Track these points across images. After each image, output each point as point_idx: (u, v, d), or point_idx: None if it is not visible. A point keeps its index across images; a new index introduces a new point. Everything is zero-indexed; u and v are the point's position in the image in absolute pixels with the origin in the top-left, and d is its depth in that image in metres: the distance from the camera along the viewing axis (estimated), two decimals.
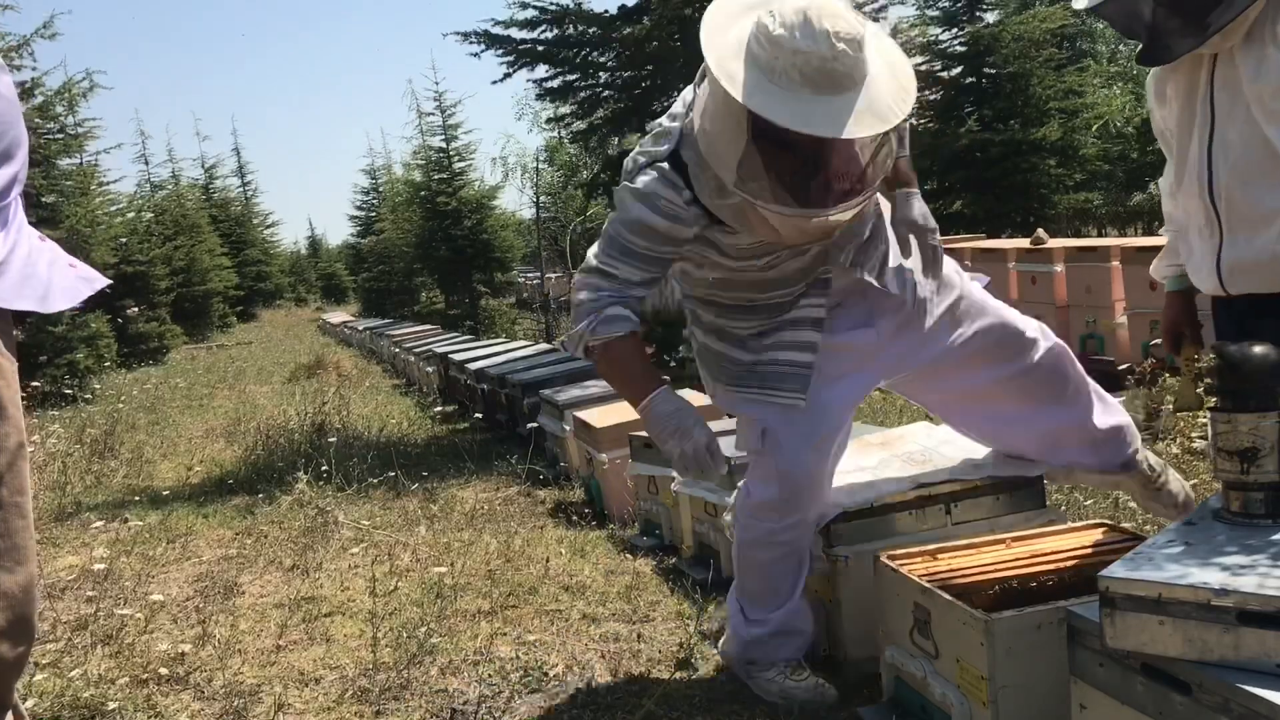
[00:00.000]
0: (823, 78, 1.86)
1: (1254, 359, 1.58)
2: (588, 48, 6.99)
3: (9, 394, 1.35)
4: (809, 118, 1.86)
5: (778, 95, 1.87)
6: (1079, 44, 22.97)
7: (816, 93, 1.87)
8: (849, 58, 1.86)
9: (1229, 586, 1.35)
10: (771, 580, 2.38)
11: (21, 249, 1.40)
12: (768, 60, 1.89)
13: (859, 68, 1.89)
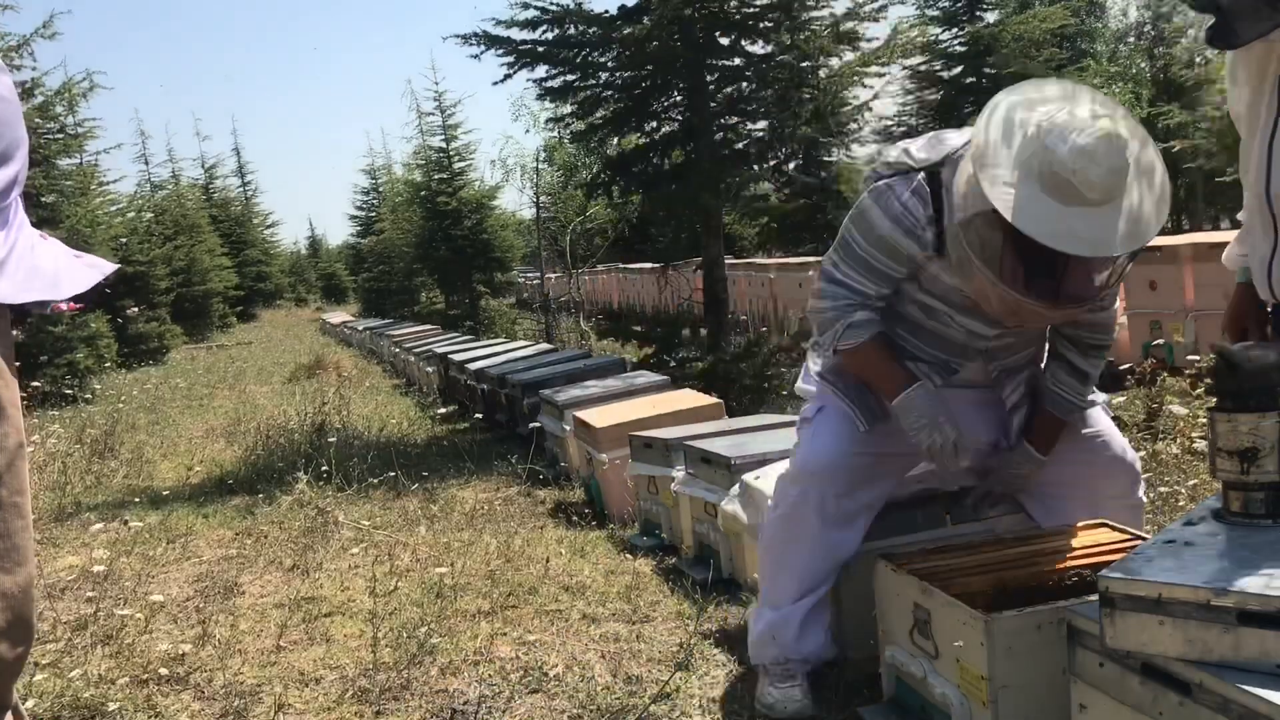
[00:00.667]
0: (1070, 192, 1.81)
1: (1254, 359, 1.58)
2: (588, 48, 6.98)
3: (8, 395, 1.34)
4: (1040, 221, 1.81)
5: (1021, 191, 1.83)
6: (1079, 44, 22.97)
7: (1061, 201, 1.81)
8: (1103, 183, 1.81)
9: (1229, 586, 1.35)
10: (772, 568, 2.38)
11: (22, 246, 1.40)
12: (1026, 156, 1.84)
13: (1112, 192, 1.83)
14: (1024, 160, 1.84)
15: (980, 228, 1.92)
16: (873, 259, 2.16)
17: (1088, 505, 2.33)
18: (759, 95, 7.09)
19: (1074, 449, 2.35)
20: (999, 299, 1.98)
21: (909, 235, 2.10)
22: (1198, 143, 13.29)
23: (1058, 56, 15.13)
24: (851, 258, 2.19)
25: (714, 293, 7.27)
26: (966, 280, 2.04)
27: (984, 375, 2.34)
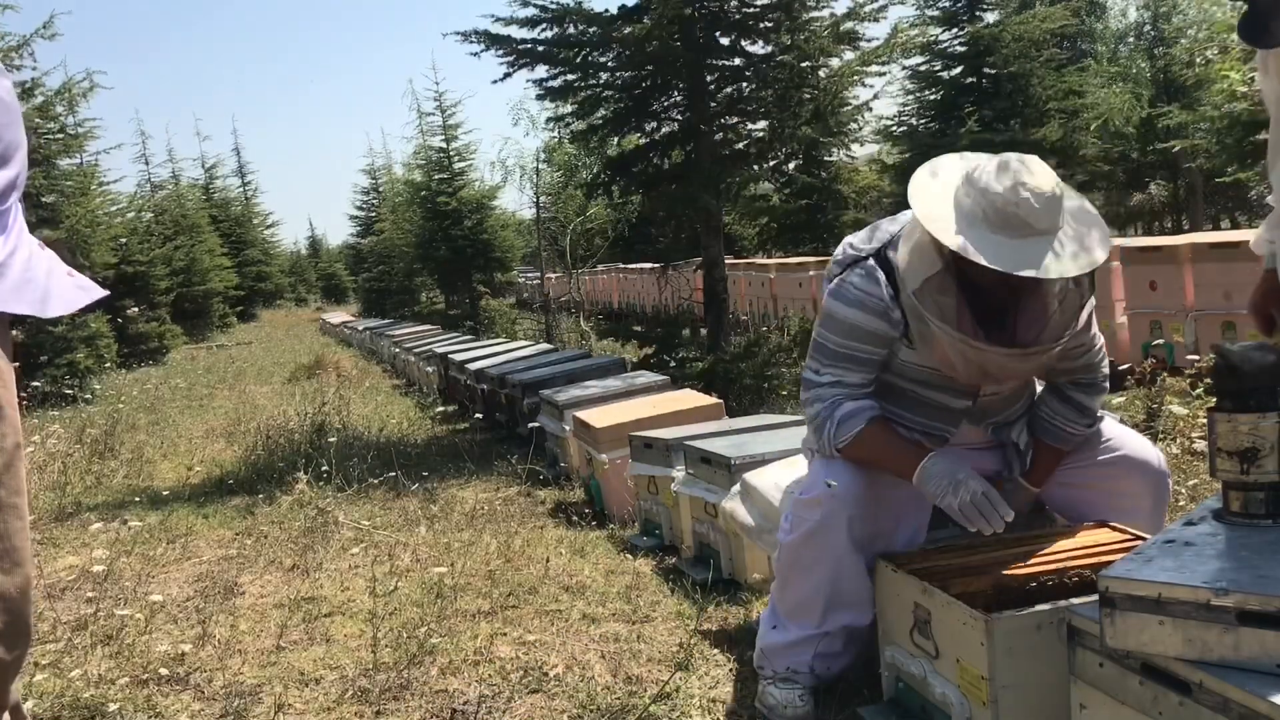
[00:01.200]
0: (1008, 221, 1.95)
1: (1254, 360, 1.58)
2: (588, 47, 6.98)
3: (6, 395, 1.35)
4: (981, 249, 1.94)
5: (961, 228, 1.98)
6: (1079, 44, 22.98)
7: (997, 231, 1.96)
8: (1034, 207, 1.94)
9: (1229, 586, 1.35)
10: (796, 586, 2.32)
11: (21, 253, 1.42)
12: (961, 197, 2.01)
13: (1045, 219, 1.96)
14: (966, 209, 1.99)
15: (933, 289, 2.05)
16: (849, 349, 2.21)
17: (1111, 509, 2.33)
18: (759, 95, 7.09)
19: (1091, 461, 2.35)
20: (962, 356, 2.07)
21: (878, 316, 2.18)
22: (1198, 143, 13.28)
23: (1058, 57, 15.13)
24: (828, 356, 2.24)
25: (714, 293, 7.27)
26: (930, 350, 2.15)
27: (980, 435, 2.37)
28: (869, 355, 2.21)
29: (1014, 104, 13.72)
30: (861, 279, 2.19)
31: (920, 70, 14.51)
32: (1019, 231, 1.95)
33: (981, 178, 2.00)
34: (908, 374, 2.26)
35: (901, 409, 2.30)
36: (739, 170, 7.24)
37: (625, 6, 7.03)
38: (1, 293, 1.36)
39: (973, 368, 2.10)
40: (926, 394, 2.27)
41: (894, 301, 2.15)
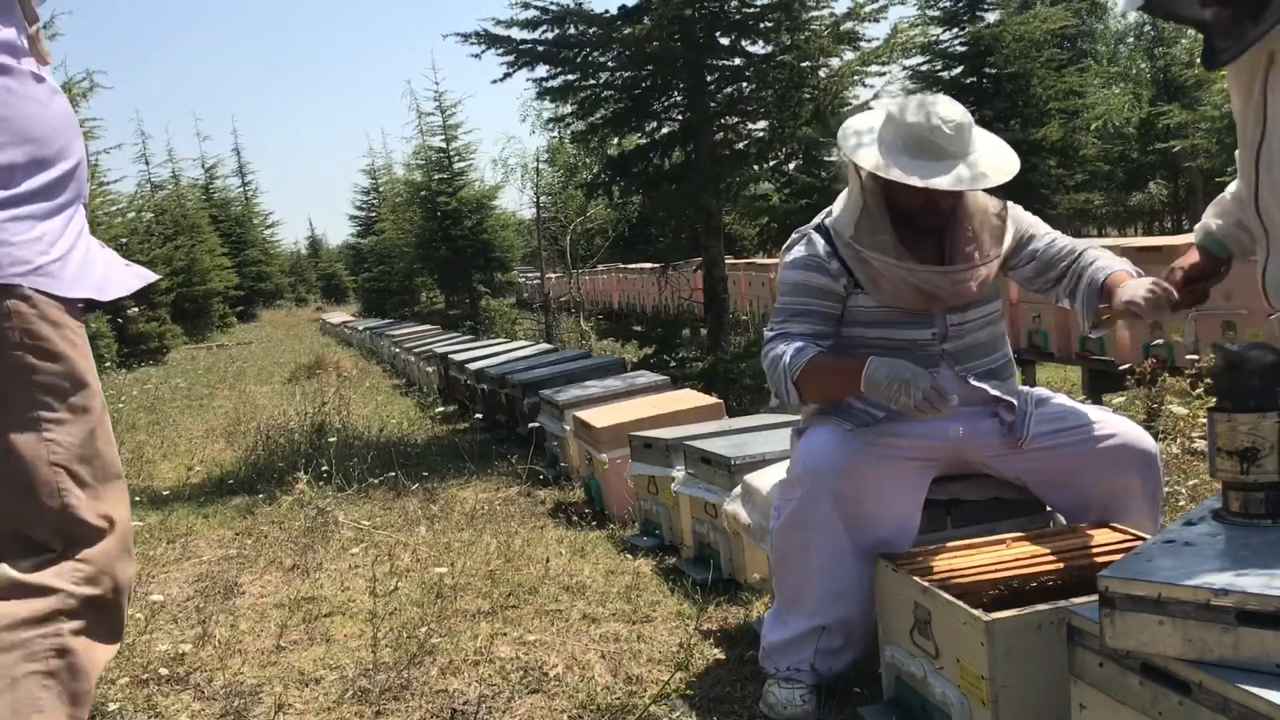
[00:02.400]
0: (923, 145, 2.21)
1: (1254, 359, 1.58)
2: (588, 48, 6.98)
3: (85, 364, 1.57)
4: (901, 169, 2.20)
5: (883, 155, 2.24)
6: (1079, 44, 22.99)
7: (915, 157, 2.21)
8: (946, 133, 2.20)
9: (1229, 586, 1.35)
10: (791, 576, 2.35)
11: (79, 249, 1.61)
12: (883, 133, 2.28)
13: (956, 144, 2.21)
14: (887, 140, 2.26)
15: (867, 230, 2.31)
16: (801, 304, 2.40)
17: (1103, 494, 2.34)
18: (759, 95, 7.09)
19: (1083, 442, 2.36)
20: (903, 283, 2.31)
21: (818, 271, 2.38)
22: (1198, 143, 13.28)
23: (1058, 57, 15.14)
24: (784, 313, 2.42)
25: (714, 292, 7.27)
26: (878, 289, 2.35)
27: (965, 389, 2.37)
28: (816, 308, 2.38)
29: (1014, 104, 13.72)
30: (799, 245, 2.44)
31: (920, 70, 14.52)
32: (933, 154, 2.20)
33: (898, 111, 2.26)
34: (866, 318, 2.39)
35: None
36: (739, 170, 7.23)
37: (625, 7, 7.04)
38: (64, 280, 1.54)
39: (915, 292, 2.32)
40: (891, 334, 2.37)
41: (830, 256, 2.37)
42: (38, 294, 1.51)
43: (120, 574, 1.60)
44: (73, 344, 1.56)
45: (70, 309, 1.56)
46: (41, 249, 1.52)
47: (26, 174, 1.52)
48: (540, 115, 16.97)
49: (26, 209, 1.51)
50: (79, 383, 1.56)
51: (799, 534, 2.30)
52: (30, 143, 1.53)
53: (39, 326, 1.51)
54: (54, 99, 1.58)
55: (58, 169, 1.57)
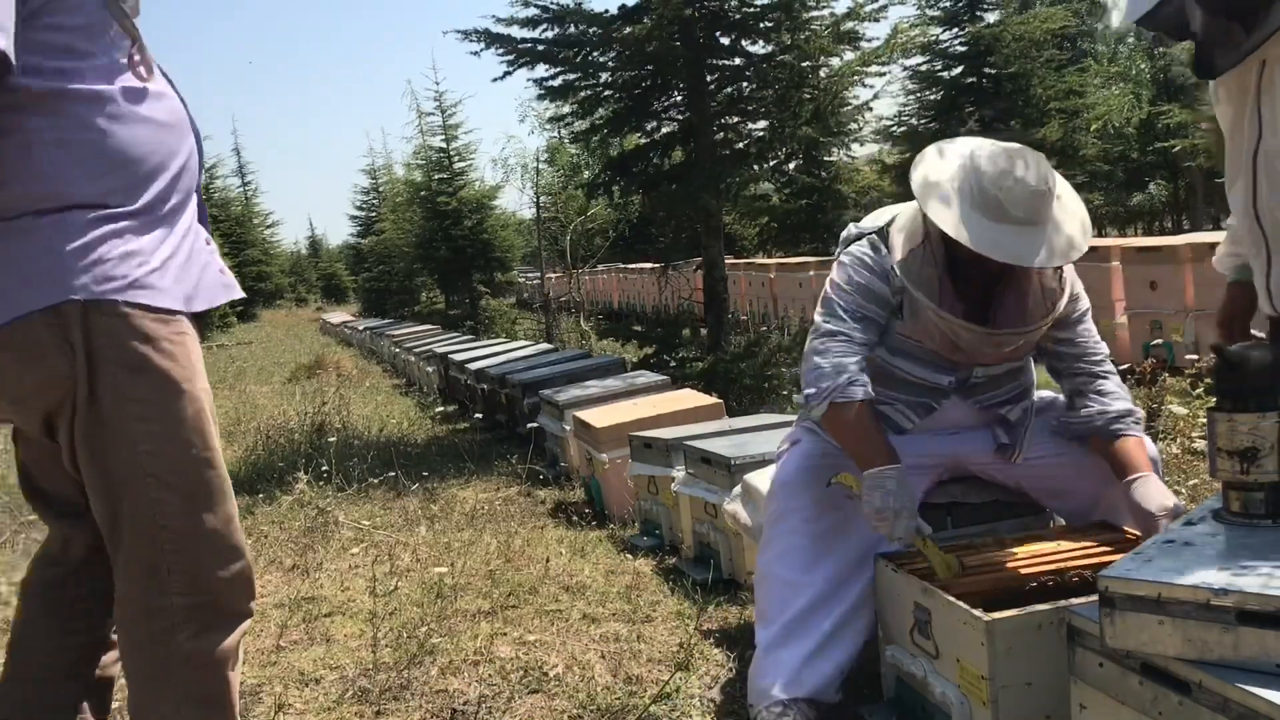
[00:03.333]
0: (998, 209, 2.04)
1: (1254, 359, 1.58)
2: (588, 47, 6.98)
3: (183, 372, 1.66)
4: (970, 232, 2.03)
5: (957, 208, 2.07)
6: (1079, 44, 22.98)
7: (988, 217, 2.04)
8: (1022, 199, 2.03)
9: (1229, 586, 1.35)
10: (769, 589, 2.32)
11: (181, 255, 1.68)
12: (961, 180, 2.10)
13: (1032, 211, 2.04)
14: (957, 185, 2.09)
15: (918, 261, 2.18)
16: (858, 307, 2.26)
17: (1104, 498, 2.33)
18: (759, 95, 7.09)
19: (1084, 449, 2.36)
20: (939, 330, 2.18)
21: (881, 279, 2.25)
22: (1197, 142, 13.29)
23: (1058, 57, 15.13)
24: (838, 310, 2.27)
25: (714, 293, 7.27)
26: (916, 323, 2.23)
27: (971, 416, 2.37)
28: (874, 315, 2.27)
29: (1014, 104, 13.72)
30: (867, 246, 2.29)
31: (921, 70, 14.51)
32: (997, 216, 2.04)
33: (978, 157, 2.09)
34: (895, 345, 2.30)
35: (886, 388, 2.33)
36: (739, 170, 7.23)
37: (625, 6, 7.03)
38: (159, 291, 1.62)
39: (948, 342, 2.20)
40: (911, 369, 2.31)
41: (893, 273, 2.24)
42: (130, 308, 1.59)
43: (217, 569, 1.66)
44: (168, 354, 1.63)
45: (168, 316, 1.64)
46: (137, 262, 1.61)
47: (124, 196, 1.61)
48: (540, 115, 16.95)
49: (123, 225, 1.60)
50: (176, 391, 1.64)
51: (773, 544, 2.31)
52: (127, 165, 1.62)
53: (131, 341, 1.59)
54: (155, 108, 1.66)
55: (159, 181, 1.65)
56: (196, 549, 1.64)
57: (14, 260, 1.58)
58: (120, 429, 1.60)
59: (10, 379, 1.62)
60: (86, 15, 1.61)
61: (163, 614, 1.63)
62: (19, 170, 1.57)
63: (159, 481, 1.61)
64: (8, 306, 1.57)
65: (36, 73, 1.57)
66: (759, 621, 2.32)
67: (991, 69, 13.90)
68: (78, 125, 1.59)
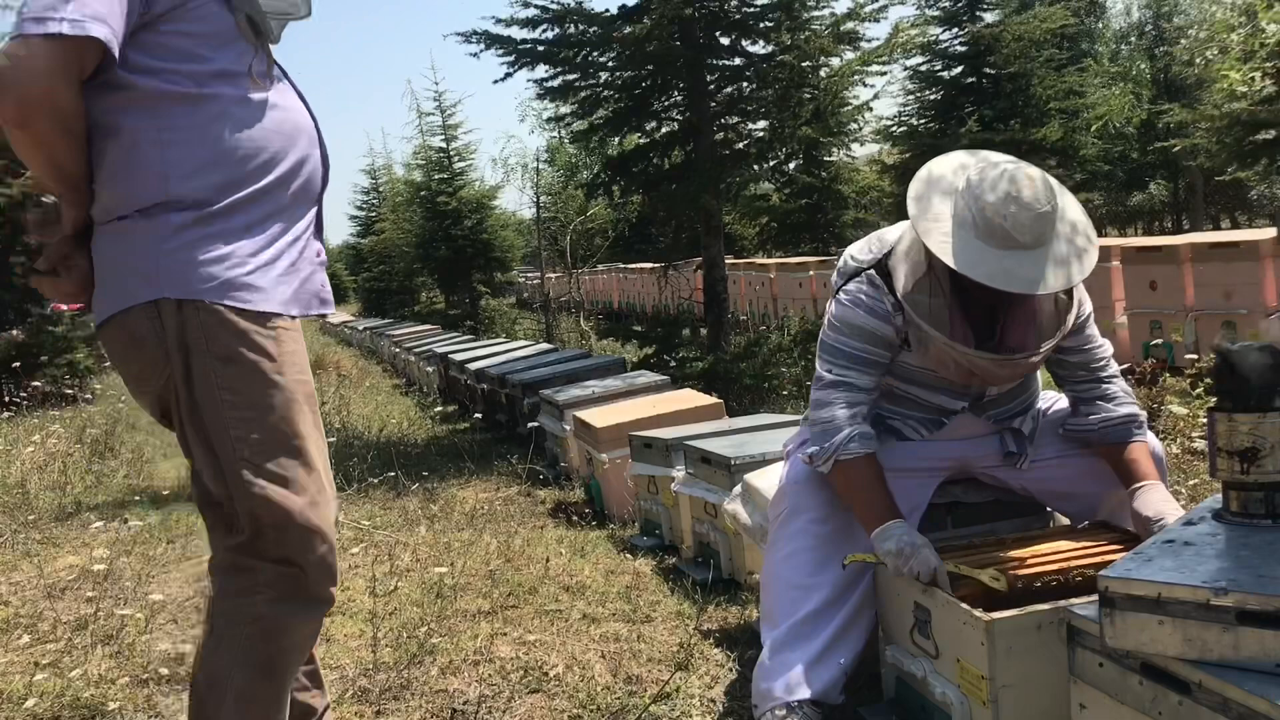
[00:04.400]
0: (998, 234, 2.00)
1: (1254, 359, 1.58)
2: (588, 47, 6.98)
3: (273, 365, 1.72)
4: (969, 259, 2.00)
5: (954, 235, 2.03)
6: (1080, 44, 22.99)
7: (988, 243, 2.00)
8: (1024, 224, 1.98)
9: (1229, 586, 1.35)
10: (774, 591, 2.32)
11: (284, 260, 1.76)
12: (959, 205, 2.05)
13: (1033, 236, 1.99)
14: (958, 212, 2.05)
15: (924, 291, 2.12)
16: (858, 350, 2.23)
17: (1108, 499, 2.34)
18: (759, 95, 7.09)
19: (1089, 451, 2.36)
20: (951, 360, 2.14)
21: (883, 320, 2.21)
22: (1197, 142, 13.28)
23: (1058, 57, 15.12)
24: (839, 357, 2.24)
25: (714, 292, 7.27)
26: (925, 353, 2.20)
27: (982, 427, 2.37)
28: (876, 358, 2.24)
29: (1014, 104, 13.71)
30: (866, 285, 2.24)
31: (920, 70, 14.50)
32: (1004, 243, 1.99)
33: (978, 185, 2.04)
34: (905, 375, 2.30)
35: (898, 407, 2.33)
36: (739, 170, 7.24)
37: (625, 6, 7.04)
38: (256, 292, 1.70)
39: (961, 371, 2.16)
40: (924, 395, 2.31)
41: (895, 310, 2.20)
42: (220, 305, 1.67)
43: (305, 551, 1.74)
44: (258, 347, 1.71)
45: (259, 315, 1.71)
46: (231, 264, 1.68)
47: (222, 193, 1.68)
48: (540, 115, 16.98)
49: (219, 226, 1.68)
50: (264, 381, 1.72)
51: (781, 546, 2.30)
52: (230, 168, 1.69)
53: (222, 335, 1.68)
54: (271, 112, 1.74)
55: (258, 178, 1.72)
56: (286, 531, 1.73)
57: (119, 258, 1.68)
58: (215, 415, 1.70)
59: (121, 364, 1.76)
60: (213, 24, 1.68)
61: (250, 573, 1.74)
62: (126, 170, 1.65)
63: (248, 464, 1.71)
64: (113, 300, 1.70)
65: (150, 73, 1.64)
66: (765, 622, 2.32)
67: (991, 69, 13.89)
68: (184, 127, 1.66)
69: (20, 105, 1.55)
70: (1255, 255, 6.12)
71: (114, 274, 1.70)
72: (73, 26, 1.53)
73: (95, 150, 1.66)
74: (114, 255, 1.70)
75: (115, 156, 1.65)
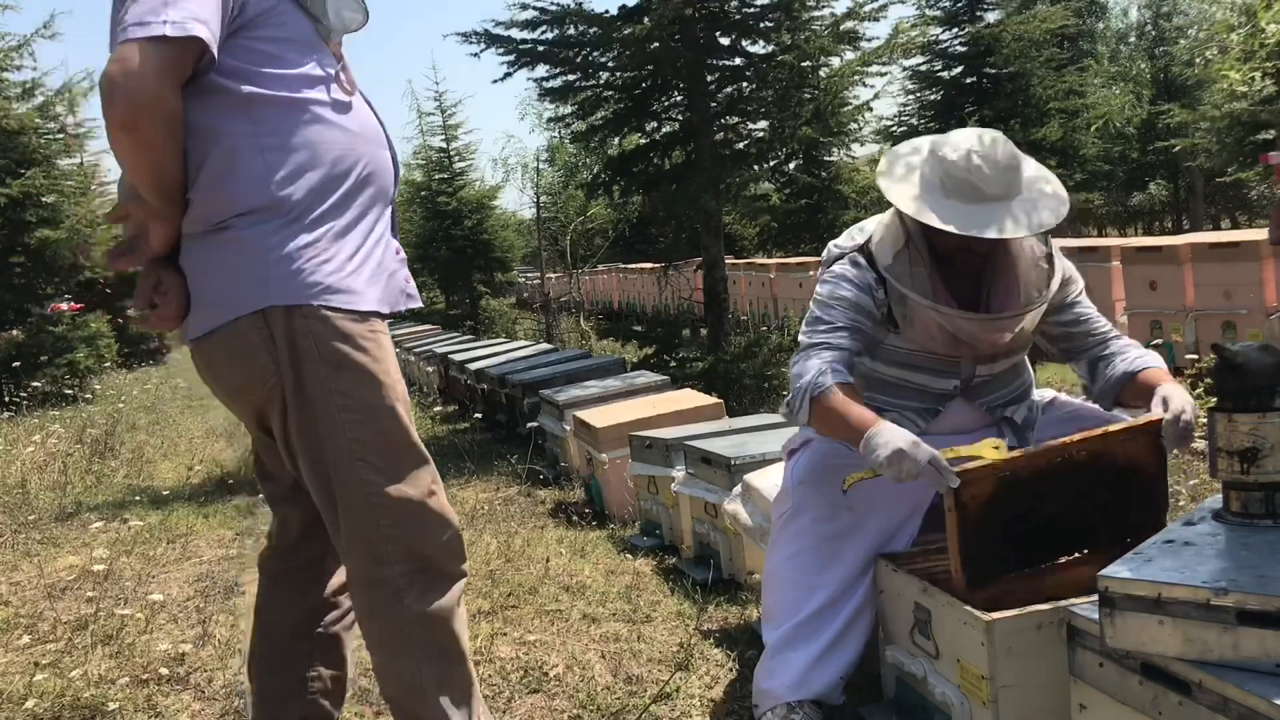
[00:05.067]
0: (963, 187, 2.08)
1: (1254, 359, 1.58)
2: (588, 48, 6.98)
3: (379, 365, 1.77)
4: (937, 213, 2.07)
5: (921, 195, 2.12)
6: (1080, 44, 22.98)
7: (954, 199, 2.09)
8: (987, 174, 2.07)
9: (1229, 586, 1.35)
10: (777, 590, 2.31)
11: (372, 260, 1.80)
12: (925, 169, 2.16)
13: (998, 186, 2.08)
14: (924, 177, 2.14)
15: (905, 261, 2.19)
16: (840, 319, 2.23)
17: None
18: (759, 95, 7.09)
19: None
20: (938, 326, 2.18)
21: (865, 291, 2.24)
22: (1197, 142, 13.28)
23: (1058, 57, 15.13)
24: (819, 325, 2.24)
25: (714, 293, 7.27)
26: (913, 330, 2.23)
27: (975, 420, 2.36)
28: (858, 324, 2.23)
29: (1014, 104, 13.71)
30: (848, 264, 2.29)
31: (920, 70, 14.51)
32: (972, 197, 2.07)
33: (941, 148, 2.13)
34: (895, 359, 2.30)
35: (892, 397, 2.33)
36: (739, 170, 7.24)
37: (625, 7, 7.04)
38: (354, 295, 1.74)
39: (948, 337, 2.20)
40: (911, 378, 2.31)
41: (879, 284, 2.24)
42: (328, 310, 1.72)
43: (431, 540, 1.80)
44: (365, 350, 1.75)
45: (361, 315, 1.76)
46: (333, 267, 1.73)
47: (319, 197, 1.73)
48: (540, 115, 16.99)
49: (321, 231, 1.73)
50: (374, 382, 1.76)
51: (785, 545, 2.29)
52: (323, 172, 1.73)
53: (330, 340, 1.72)
54: (351, 118, 1.80)
55: (348, 181, 1.77)
56: (407, 521, 1.77)
57: (223, 267, 1.71)
58: (329, 419, 1.73)
59: (223, 375, 1.79)
60: (295, 30, 1.73)
61: (386, 584, 1.77)
62: (229, 173, 1.68)
63: (367, 464, 1.74)
64: (219, 311, 1.72)
65: (243, 78, 1.68)
66: (767, 622, 2.32)
67: (991, 69, 13.89)
68: (281, 131, 1.70)
69: (130, 109, 1.57)
70: (1255, 255, 6.12)
71: (216, 284, 1.71)
72: (175, 28, 1.56)
73: (193, 155, 1.67)
74: (217, 264, 1.71)
75: (216, 160, 1.67)
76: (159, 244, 1.74)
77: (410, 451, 1.81)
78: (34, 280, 10.80)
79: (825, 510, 2.26)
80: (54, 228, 10.34)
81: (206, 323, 1.73)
